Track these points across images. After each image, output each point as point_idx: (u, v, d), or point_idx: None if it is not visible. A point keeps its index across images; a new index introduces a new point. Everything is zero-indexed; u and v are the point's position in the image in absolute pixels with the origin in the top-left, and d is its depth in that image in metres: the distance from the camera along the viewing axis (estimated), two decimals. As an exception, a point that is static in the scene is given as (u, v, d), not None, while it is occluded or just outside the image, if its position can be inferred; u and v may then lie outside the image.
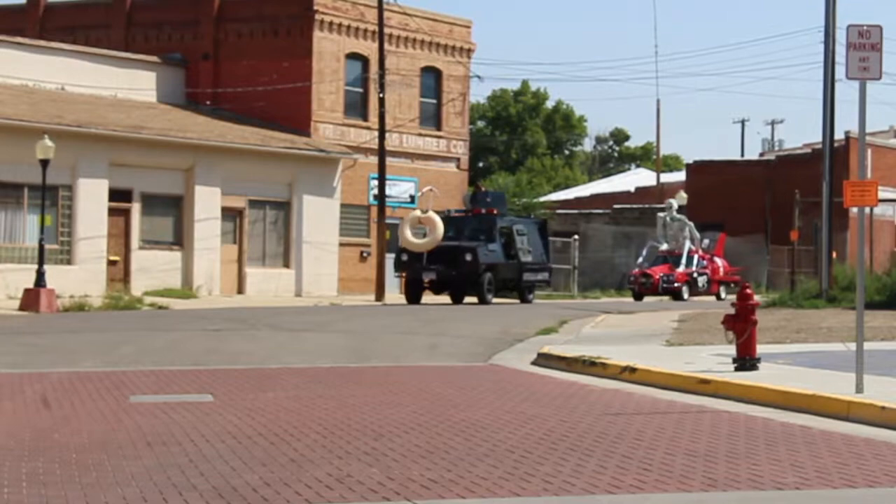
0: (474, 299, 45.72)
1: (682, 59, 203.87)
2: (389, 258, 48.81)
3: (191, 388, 17.39)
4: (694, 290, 54.98)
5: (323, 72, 53.47)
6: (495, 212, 47.24)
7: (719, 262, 57.86)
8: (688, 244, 56.16)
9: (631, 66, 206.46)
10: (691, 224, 57.04)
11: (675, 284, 54.30)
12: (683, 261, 55.42)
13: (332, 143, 53.51)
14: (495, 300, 46.70)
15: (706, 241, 57.89)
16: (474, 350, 23.95)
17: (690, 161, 76.00)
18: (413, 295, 45.81)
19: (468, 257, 44.92)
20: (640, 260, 57.36)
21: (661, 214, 59.04)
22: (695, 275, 55.41)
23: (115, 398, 16.26)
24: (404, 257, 45.74)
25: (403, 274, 46.67)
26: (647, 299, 53.14)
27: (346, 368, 20.57)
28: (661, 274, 54.41)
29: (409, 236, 45.59)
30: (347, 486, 10.19)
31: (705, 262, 56.60)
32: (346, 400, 15.93)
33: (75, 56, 50.85)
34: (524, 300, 47.96)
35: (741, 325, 18.17)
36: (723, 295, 56.28)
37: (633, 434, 12.94)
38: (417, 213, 46.77)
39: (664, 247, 56.86)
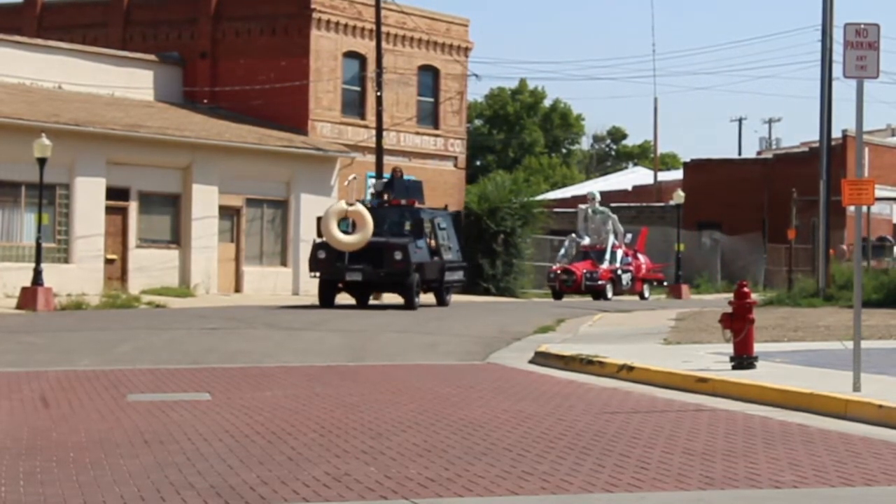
0: (392, 299, 41.90)
1: (680, 57, 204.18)
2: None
3: (188, 387, 17.39)
4: (617, 289, 51.58)
5: (320, 70, 53.43)
6: (416, 203, 41.57)
7: (642, 258, 54.62)
8: (611, 239, 52.77)
9: (628, 64, 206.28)
10: (615, 217, 53.96)
11: (600, 282, 50.75)
12: (607, 257, 51.92)
13: (330, 141, 53.47)
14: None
15: (629, 236, 54.64)
16: (472, 349, 23.95)
17: (688, 159, 76.14)
18: (328, 297, 39.69)
19: (398, 256, 38.81)
20: (561, 254, 53.89)
21: (582, 206, 55.82)
22: (619, 272, 52.01)
23: (113, 397, 16.26)
24: (322, 254, 39.19)
25: (319, 274, 39.79)
26: (567, 298, 49.79)
27: (344, 367, 20.57)
28: (585, 270, 50.89)
29: (335, 233, 39.16)
30: (345, 485, 10.19)
31: (629, 259, 53.32)
32: (344, 398, 15.93)
33: (73, 55, 50.78)
34: (442, 303, 41.90)
35: (739, 324, 18.16)
36: (646, 294, 53.63)
37: (631, 433, 12.94)
38: (343, 205, 40.12)
39: (586, 241, 53.47)
